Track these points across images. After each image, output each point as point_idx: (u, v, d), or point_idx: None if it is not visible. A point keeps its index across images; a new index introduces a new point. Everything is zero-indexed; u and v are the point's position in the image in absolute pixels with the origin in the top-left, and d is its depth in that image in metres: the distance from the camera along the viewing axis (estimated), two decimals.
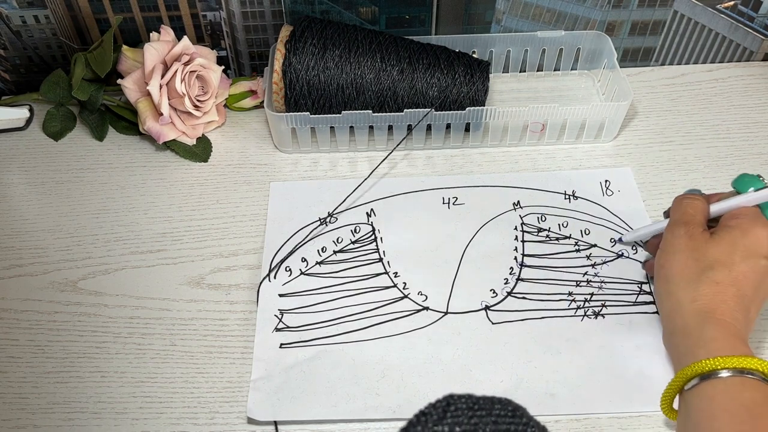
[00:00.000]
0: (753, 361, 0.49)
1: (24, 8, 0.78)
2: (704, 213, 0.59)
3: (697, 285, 0.54)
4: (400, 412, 0.58)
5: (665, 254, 0.57)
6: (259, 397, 0.59)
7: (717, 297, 0.53)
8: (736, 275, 0.54)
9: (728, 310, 0.53)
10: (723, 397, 0.48)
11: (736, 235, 0.55)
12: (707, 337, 0.51)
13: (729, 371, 0.49)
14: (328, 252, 0.69)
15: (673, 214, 0.60)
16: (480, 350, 0.62)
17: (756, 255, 0.54)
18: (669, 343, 0.57)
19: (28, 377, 0.61)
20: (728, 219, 0.57)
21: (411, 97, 0.74)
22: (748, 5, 0.82)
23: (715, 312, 0.52)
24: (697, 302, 0.53)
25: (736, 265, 0.54)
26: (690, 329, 0.53)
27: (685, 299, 0.54)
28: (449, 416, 0.36)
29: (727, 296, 0.53)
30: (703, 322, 0.52)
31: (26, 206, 0.74)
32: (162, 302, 0.66)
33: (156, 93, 0.73)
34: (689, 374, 0.50)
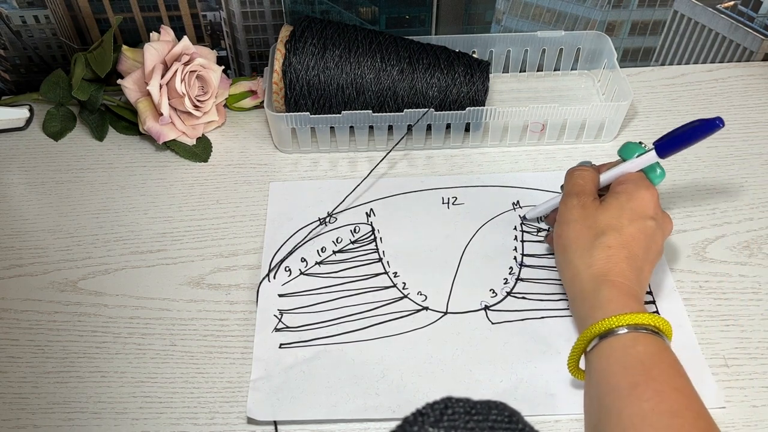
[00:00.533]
0: (644, 316, 0.51)
1: (24, 8, 0.78)
2: (594, 182, 0.62)
3: (591, 251, 0.56)
4: (400, 412, 0.58)
5: (561, 225, 0.60)
6: (258, 397, 0.59)
7: (610, 260, 0.55)
8: (626, 238, 0.56)
9: (621, 272, 0.55)
10: (619, 353, 0.51)
11: (623, 199, 0.58)
12: (603, 299, 0.54)
13: (624, 328, 0.51)
14: (327, 252, 0.69)
15: (565, 187, 0.62)
16: (480, 350, 0.62)
17: (643, 216, 0.57)
18: (572, 308, 0.59)
19: (28, 377, 0.61)
20: (615, 186, 0.60)
21: (411, 97, 0.74)
22: (748, 5, 0.82)
23: (609, 274, 0.55)
24: (592, 267, 0.56)
25: (625, 228, 0.57)
26: (587, 293, 0.55)
27: (582, 265, 0.57)
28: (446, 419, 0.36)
29: (620, 259, 0.55)
30: (598, 286, 0.55)
31: (26, 206, 0.74)
32: (162, 302, 0.66)
33: (156, 93, 0.73)
34: (588, 336, 0.52)
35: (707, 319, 0.64)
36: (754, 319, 0.64)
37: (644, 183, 0.60)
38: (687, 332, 0.62)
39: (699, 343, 0.62)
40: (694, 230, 0.70)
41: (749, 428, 0.57)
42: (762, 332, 0.63)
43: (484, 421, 0.36)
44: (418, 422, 0.36)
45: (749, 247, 0.69)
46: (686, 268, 0.67)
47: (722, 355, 0.61)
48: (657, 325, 0.52)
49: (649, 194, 0.59)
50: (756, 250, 0.69)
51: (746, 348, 0.62)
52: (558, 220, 0.61)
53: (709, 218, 0.71)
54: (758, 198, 0.73)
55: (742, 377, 0.60)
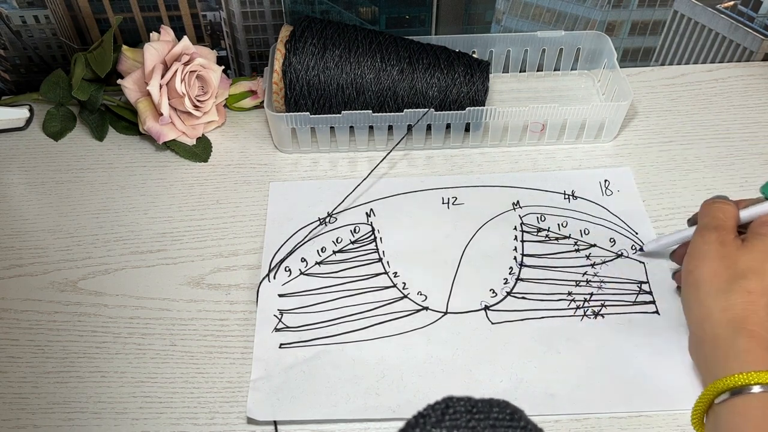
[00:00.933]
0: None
1: (24, 8, 0.78)
2: (735, 218, 0.57)
3: (728, 294, 0.52)
4: (400, 412, 0.58)
5: (695, 260, 0.56)
6: (258, 397, 0.59)
7: (749, 307, 0.51)
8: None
9: (760, 321, 0.51)
10: (756, 414, 0.47)
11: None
12: (739, 349, 0.50)
13: (762, 387, 0.47)
14: (327, 252, 0.69)
15: (702, 219, 0.58)
16: (480, 350, 0.62)
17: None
18: (697, 352, 0.55)
19: (28, 377, 0.62)
20: (759, 226, 0.56)
21: (411, 97, 0.74)
22: (748, 5, 0.82)
23: (747, 322, 0.51)
24: (728, 311, 0.52)
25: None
26: (720, 340, 0.51)
27: (716, 308, 0.52)
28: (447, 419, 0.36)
29: (759, 306, 0.51)
30: (734, 333, 0.51)
31: (26, 206, 0.74)
32: (162, 302, 0.66)
33: (156, 93, 0.73)
34: (720, 388, 0.49)
35: None
36: None
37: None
38: None
39: None
40: None
41: None
42: None
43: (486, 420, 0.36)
44: (420, 424, 0.36)
45: None
46: None
47: None
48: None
49: None
50: None
51: None
52: (690, 253, 0.57)
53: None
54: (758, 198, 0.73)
55: None
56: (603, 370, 0.60)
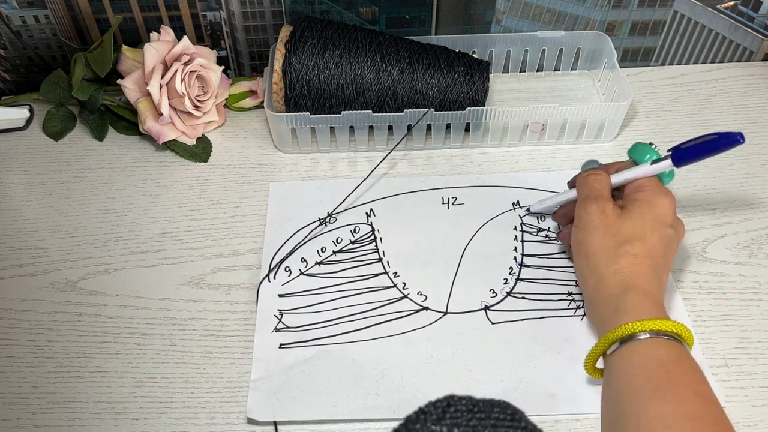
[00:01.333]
0: (668, 323, 0.52)
1: (24, 8, 0.78)
2: (609, 186, 0.62)
3: (616, 259, 0.57)
4: (400, 412, 0.58)
5: (582, 232, 0.60)
6: (258, 397, 0.59)
7: (636, 268, 0.56)
8: (650, 247, 0.57)
9: (646, 280, 0.56)
10: (640, 357, 0.51)
11: (644, 207, 0.58)
12: (628, 304, 0.54)
13: (646, 333, 0.52)
14: (327, 252, 0.69)
15: (580, 191, 0.62)
16: (480, 350, 0.62)
17: (663, 225, 0.58)
18: (593, 313, 0.59)
19: (28, 377, 0.61)
20: (633, 192, 0.60)
21: (411, 97, 0.74)
22: (748, 5, 0.82)
23: (635, 281, 0.56)
24: (618, 275, 0.56)
25: (648, 238, 0.57)
26: (612, 299, 0.56)
27: (607, 272, 0.57)
28: (448, 417, 0.36)
29: (644, 267, 0.56)
30: (624, 291, 0.55)
31: (26, 206, 0.74)
32: (162, 302, 0.66)
33: (156, 93, 0.73)
34: (611, 338, 0.53)
35: (707, 319, 0.64)
36: (754, 319, 0.64)
37: (662, 190, 0.60)
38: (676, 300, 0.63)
39: (699, 344, 0.62)
40: (694, 230, 0.70)
41: (749, 428, 0.57)
42: (762, 332, 0.63)
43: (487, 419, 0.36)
44: (420, 420, 0.36)
45: (749, 247, 0.69)
46: (686, 268, 0.67)
47: (722, 355, 0.61)
48: (679, 332, 0.52)
49: (669, 202, 0.59)
50: (756, 250, 0.69)
51: (746, 348, 0.62)
52: (577, 225, 0.61)
53: (709, 218, 0.71)
54: (758, 198, 0.73)
55: (742, 377, 0.60)
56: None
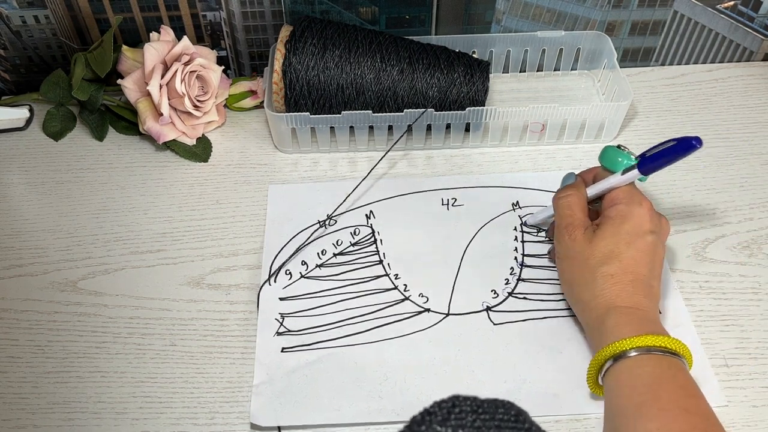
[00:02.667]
0: (651, 338, 0.51)
1: (24, 8, 0.78)
2: (582, 207, 0.61)
3: (594, 283, 0.56)
4: (404, 415, 0.58)
5: (560, 261, 0.60)
6: (261, 402, 0.59)
7: (614, 288, 0.55)
8: (627, 262, 0.56)
9: (628, 297, 0.55)
10: (626, 375, 0.51)
11: (617, 223, 0.58)
12: (610, 326, 0.54)
13: (634, 351, 0.51)
14: (327, 255, 0.69)
15: (556, 218, 0.62)
16: (482, 351, 0.62)
17: (640, 234, 0.57)
18: (587, 338, 0.60)
19: (28, 377, 0.61)
20: (608, 207, 0.60)
21: (411, 97, 0.74)
22: (748, 5, 0.82)
23: (616, 301, 0.55)
24: (597, 298, 0.56)
25: (624, 253, 0.56)
26: (597, 323, 0.56)
27: (588, 297, 0.57)
28: (453, 418, 0.36)
29: (625, 284, 0.55)
30: (607, 313, 0.55)
31: (26, 206, 0.74)
32: (162, 302, 0.66)
33: (156, 93, 0.73)
34: (600, 359, 0.53)
35: (707, 319, 0.64)
36: (754, 319, 0.64)
37: (636, 198, 0.59)
38: (689, 332, 0.62)
39: (699, 344, 0.62)
40: (694, 230, 0.70)
41: (749, 428, 0.57)
42: (762, 332, 0.63)
43: (491, 420, 0.36)
44: (425, 421, 0.36)
45: (749, 247, 0.69)
46: (686, 268, 0.67)
47: (722, 355, 0.61)
48: (668, 345, 0.51)
49: (643, 210, 0.58)
50: (756, 250, 0.69)
51: (746, 348, 0.62)
52: (557, 255, 0.61)
53: (709, 218, 0.71)
54: (758, 198, 0.73)
55: (742, 377, 0.60)
56: None
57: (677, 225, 0.70)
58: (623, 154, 0.60)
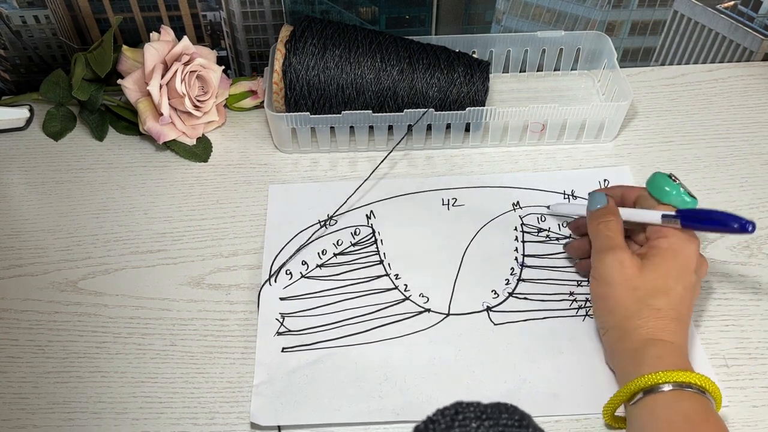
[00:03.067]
0: (691, 375, 0.51)
1: (24, 8, 0.78)
2: (622, 231, 0.59)
3: (639, 313, 0.55)
4: (404, 415, 0.58)
5: (603, 285, 0.58)
6: (262, 402, 0.59)
7: (660, 322, 0.55)
8: (675, 299, 0.56)
9: (671, 332, 0.55)
10: (663, 409, 0.51)
11: (669, 257, 0.56)
12: (651, 357, 0.53)
13: (670, 385, 0.51)
14: (328, 255, 0.69)
15: (594, 240, 0.60)
16: (482, 351, 0.62)
17: (687, 273, 0.56)
18: (614, 361, 0.59)
19: (28, 377, 0.61)
20: (656, 238, 0.58)
21: (411, 97, 0.74)
22: (748, 5, 0.82)
23: (659, 335, 0.55)
24: (641, 329, 0.55)
25: (673, 290, 0.56)
26: (636, 351, 0.55)
27: (630, 327, 0.56)
28: (457, 425, 0.36)
29: (669, 320, 0.55)
30: (648, 345, 0.54)
31: (26, 206, 0.74)
32: (162, 302, 0.66)
33: (156, 93, 0.73)
34: (633, 388, 0.52)
35: (707, 319, 0.64)
36: (754, 319, 0.64)
37: (688, 236, 0.57)
38: (689, 332, 0.62)
39: (699, 344, 0.62)
40: None
41: (749, 428, 0.57)
42: (762, 332, 0.63)
43: (495, 426, 0.36)
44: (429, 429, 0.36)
45: (749, 247, 0.69)
46: None
47: (722, 355, 0.61)
48: (704, 385, 0.51)
49: (693, 247, 0.57)
50: (756, 250, 0.69)
51: (746, 348, 0.62)
52: (596, 277, 0.59)
53: None
54: (758, 198, 0.73)
55: (742, 377, 0.60)
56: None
57: None
58: (673, 185, 0.59)
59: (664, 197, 0.59)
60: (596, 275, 0.59)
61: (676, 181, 0.59)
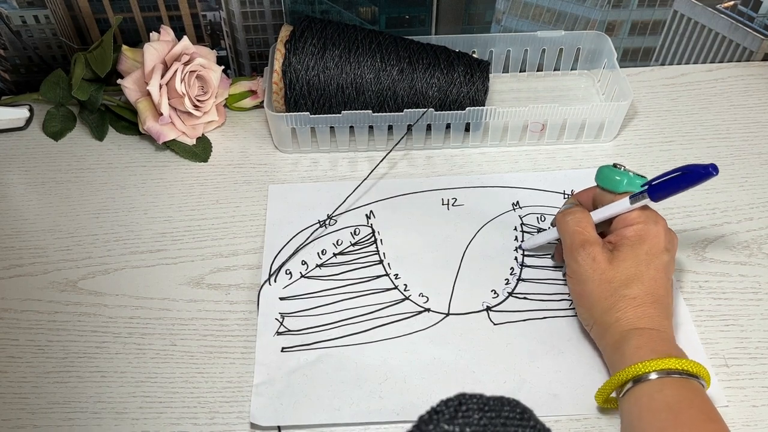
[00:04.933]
0: (672, 361, 0.51)
1: (24, 8, 0.78)
2: (592, 224, 0.59)
3: (616, 305, 0.55)
4: (404, 415, 0.58)
5: (578, 283, 0.58)
6: (262, 402, 0.59)
7: (638, 310, 0.55)
8: (648, 283, 0.56)
9: (650, 319, 0.55)
10: (647, 398, 0.51)
11: (636, 243, 0.56)
12: (632, 348, 0.53)
13: (654, 374, 0.51)
14: (328, 254, 0.69)
15: (564, 237, 0.60)
16: (482, 351, 0.62)
17: (657, 253, 0.56)
18: (605, 358, 0.58)
19: (28, 377, 0.61)
20: (621, 226, 0.58)
21: (411, 97, 0.74)
22: (748, 5, 0.82)
23: (638, 323, 0.55)
24: (620, 321, 0.55)
25: (644, 274, 0.56)
26: (617, 345, 0.55)
27: (610, 320, 0.56)
28: (460, 416, 0.36)
29: (646, 306, 0.55)
30: (629, 335, 0.54)
31: (26, 206, 0.74)
32: (162, 302, 0.66)
33: (156, 93, 0.73)
34: (617, 381, 0.52)
35: (707, 319, 0.64)
36: (754, 319, 0.64)
37: (652, 217, 0.58)
38: (689, 332, 0.62)
39: (700, 344, 0.62)
40: (694, 230, 0.70)
41: (749, 428, 0.57)
42: (762, 332, 0.63)
43: (497, 418, 0.36)
44: (433, 420, 0.36)
45: (749, 247, 0.69)
46: (686, 268, 0.67)
47: (722, 355, 0.61)
48: (690, 369, 0.51)
49: (659, 228, 0.57)
50: (756, 250, 0.69)
51: (746, 348, 0.62)
52: (570, 276, 0.59)
53: (709, 218, 0.71)
54: (758, 198, 0.73)
55: (742, 377, 0.60)
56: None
57: (677, 225, 0.70)
58: (621, 173, 0.59)
59: (618, 187, 0.59)
60: (571, 273, 0.59)
61: (621, 168, 0.59)
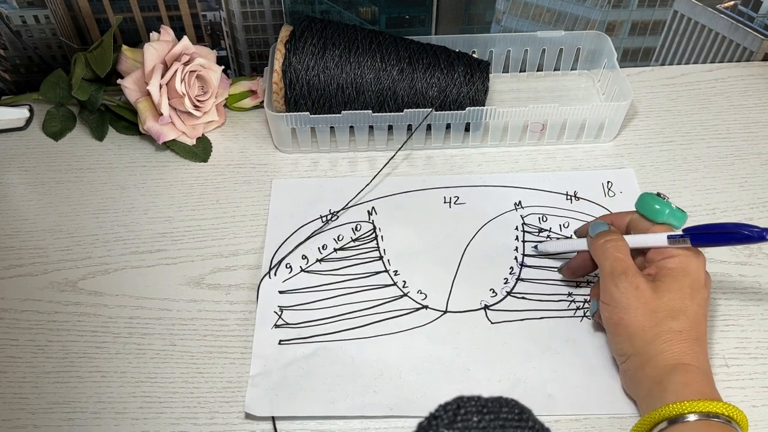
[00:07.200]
0: (719, 405, 0.49)
1: (24, 8, 0.78)
2: (629, 250, 0.58)
3: (661, 337, 0.54)
4: (398, 410, 0.58)
5: (618, 311, 0.56)
6: (257, 392, 0.59)
7: (683, 345, 0.54)
8: (693, 318, 0.55)
9: (694, 355, 0.54)
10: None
11: (679, 275, 0.55)
12: (677, 384, 0.52)
13: (696, 415, 0.49)
14: (328, 249, 0.69)
15: (603, 262, 0.58)
16: (479, 349, 0.62)
17: (699, 289, 0.56)
18: (635, 388, 0.57)
19: (28, 377, 0.61)
20: (660, 257, 0.57)
21: (411, 97, 0.74)
22: (748, 5, 0.82)
23: (683, 359, 0.53)
24: (665, 353, 0.54)
25: (689, 309, 0.55)
26: (660, 377, 0.53)
27: (653, 352, 0.54)
28: (459, 420, 0.36)
29: (691, 342, 0.54)
30: (672, 370, 0.53)
31: (26, 206, 0.74)
32: (162, 302, 0.66)
33: (156, 93, 0.73)
34: (657, 418, 0.50)
35: (707, 319, 0.64)
36: (754, 319, 0.64)
37: (693, 251, 0.56)
38: None
39: None
40: None
41: (749, 428, 0.57)
42: (762, 332, 0.63)
43: (496, 420, 0.36)
44: (432, 426, 0.36)
45: (749, 247, 0.69)
46: None
47: (722, 355, 0.61)
48: (731, 414, 0.49)
49: (700, 262, 0.56)
50: (756, 250, 0.69)
51: (746, 348, 0.62)
52: (610, 303, 0.56)
53: (709, 218, 0.71)
54: (758, 198, 0.73)
55: (742, 377, 0.60)
56: (602, 370, 0.60)
57: None
58: (663, 203, 0.58)
59: (658, 216, 0.58)
60: (609, 300, 0.56)
61: (664, 198, 0.58)
